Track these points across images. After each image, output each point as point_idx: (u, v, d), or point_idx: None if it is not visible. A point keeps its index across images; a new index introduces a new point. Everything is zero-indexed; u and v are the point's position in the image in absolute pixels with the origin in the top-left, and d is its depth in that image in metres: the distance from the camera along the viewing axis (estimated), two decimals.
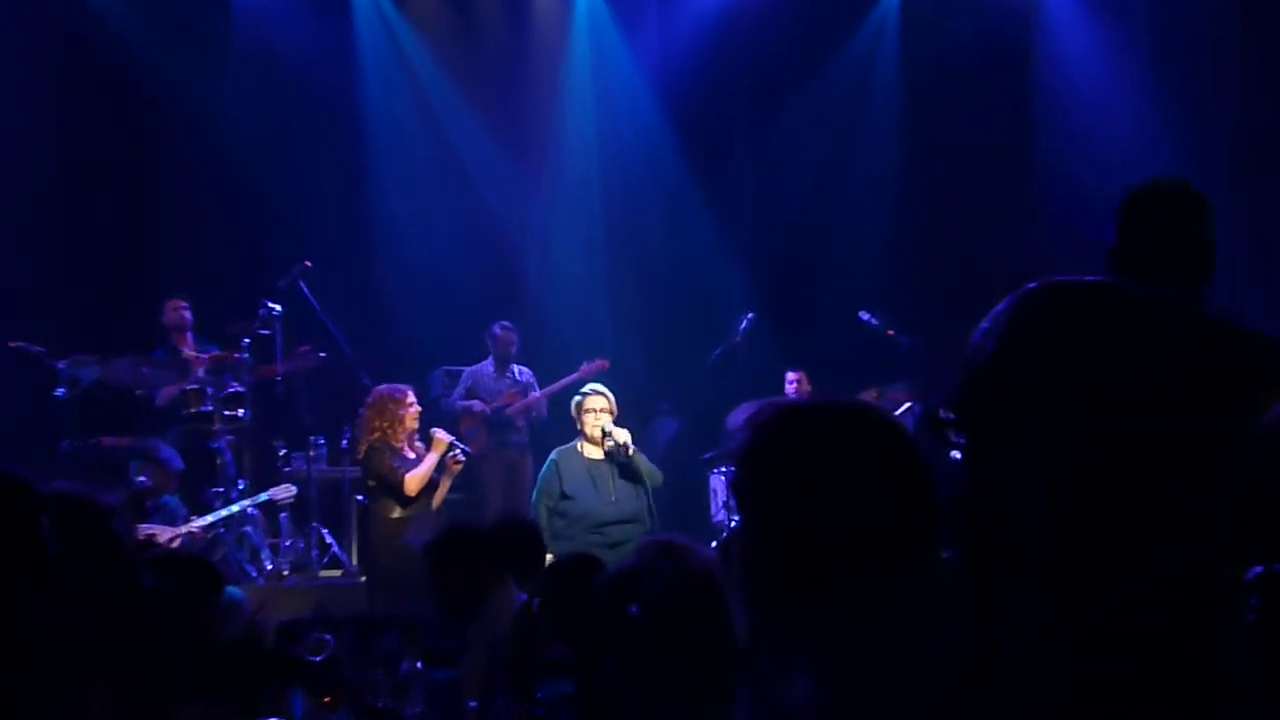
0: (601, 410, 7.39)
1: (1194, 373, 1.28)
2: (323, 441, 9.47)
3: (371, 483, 7.57)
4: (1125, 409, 1.27)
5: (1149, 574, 1.23)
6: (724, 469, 9.62)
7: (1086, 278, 1.38)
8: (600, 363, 9.41)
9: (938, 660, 1.34)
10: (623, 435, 7.34)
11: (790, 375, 9.91)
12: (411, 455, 7.49)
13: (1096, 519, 1.25)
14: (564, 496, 7.30)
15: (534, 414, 9.79)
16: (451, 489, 7.63)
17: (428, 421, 7.90)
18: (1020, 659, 1.24)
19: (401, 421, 7.43)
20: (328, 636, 5.80)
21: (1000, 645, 1.26)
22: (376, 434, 7.38)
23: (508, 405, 9.78)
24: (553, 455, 7.52)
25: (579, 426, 7.47)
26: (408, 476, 7.32)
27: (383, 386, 7.62)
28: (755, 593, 1.53)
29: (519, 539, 5.34)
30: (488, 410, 9.78)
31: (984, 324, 1.38)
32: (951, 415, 1.36)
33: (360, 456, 7.54)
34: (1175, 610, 1.23)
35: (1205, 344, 1.30)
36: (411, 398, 7.54)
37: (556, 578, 4.22)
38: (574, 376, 9.42)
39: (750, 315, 9.81)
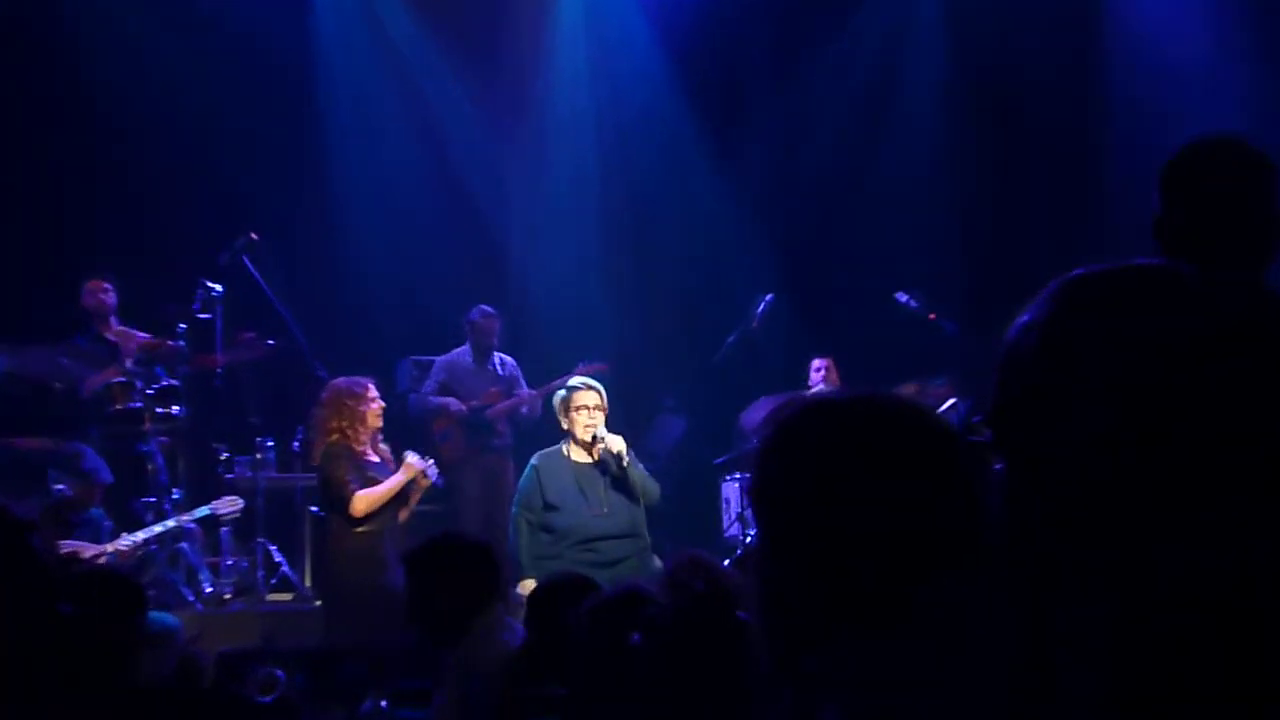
0: (593, 408, 7.35)
1: (1253, 365, 1.31)
2: (271, 444, 9.48)
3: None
4: (1181, 407, 1.29)
5: (1216, 585, 1.26)
6: (739, 475, 9.65)
7: (1137, 261, 1.39)
8: (597, 365, 9.38)
9: (991, 694, 1.36)
10: (616, 444, 7.30)
11: (816, 363, 9.99)
12: (375, 459, 7.42)
13: (1154, 527, 1.27)
14: (547, 507, 7.28)
15: (524, 414, 9.82)
16: (423, 500, 7.61)
17: (394, 422, 7.86)
18: (1080, 688, 1.27)
19: (362, 420, 7.35)
20: (278, 672, 5.82)
21: (1060, 680, 1.29)
22: (334, 435, 7.33)
23: (489, 405, 9.78)
24: (534, 460, 7.48)
25: (564, 426, 7.44)
26: (358, 495, 7.22)
27: (340, 380, 7.57)
28: (778, 619, 1.55)
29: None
30: (465, 410, 9.77)
31: (1021, 318, 1.38)
32: (988, 432, 1.38)
33: (315, 461, 7.49)
34: (1239, 618, 1.26)
35: (1266, 335, 1.33)
36: (373, 392, 7.46)
37: (542, 603, 4.20)
38: (568, 377, 9.33)
39: (769, 297, 9.81)
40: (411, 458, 7.40)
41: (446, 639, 4.69)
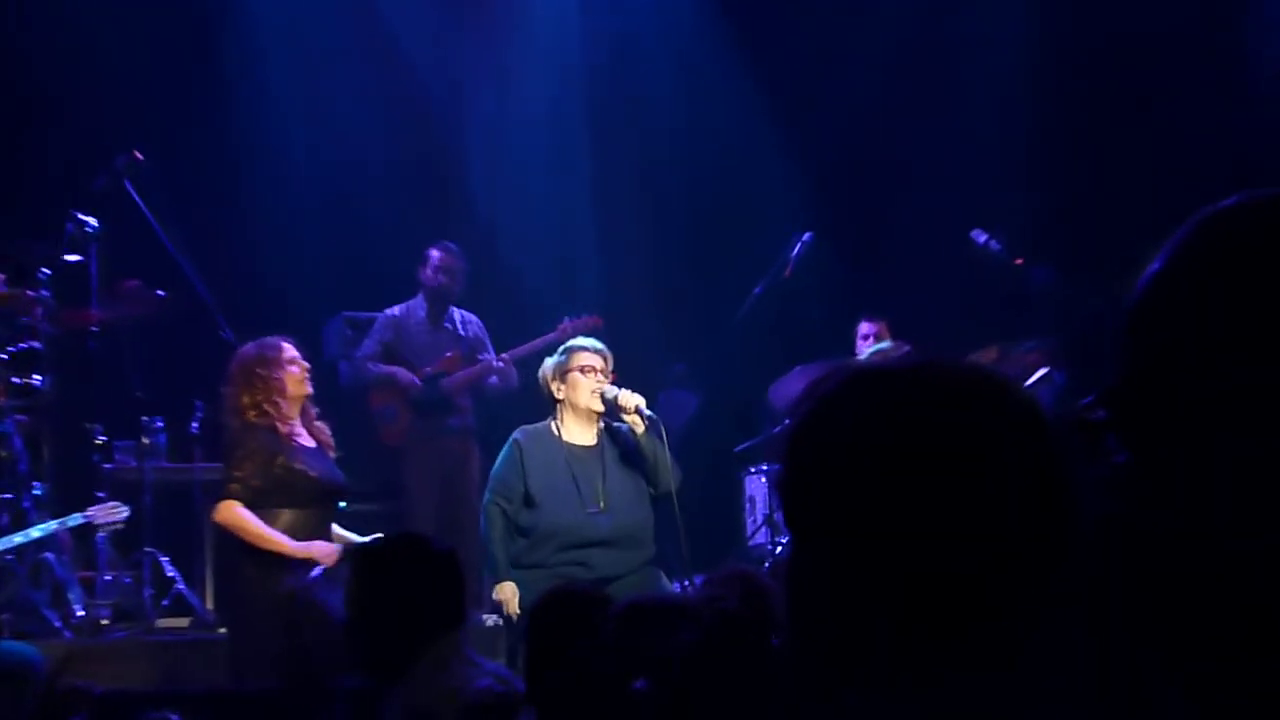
0: (599, 369, 7.52)
1: None
2: (161, 425, 9.45)
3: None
4: None
5: None
6: (766, 466, 9.68)
7: None
8: (589, 319, 9.46)
9: None
10: (633, 398, 7.45)
11: (865, 327, 10.04)
12: (307, 441, 7.47)
13: None
14: (528, 501, 7.39)
15: (492, 385, 9.91)
16: (365, 496, 7.58)
17: (320, 399, 7.88)
18: None
19: (280, 390, 7.43)
20: (171, 718, 5.84)
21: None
22: (251, 413, 7.40)
23: (445, 373, 9.84)
24: (516, 435, 7.57)
25: (559, 395, 7.55)
26: (231, 506, 7.25)
27: (247, 346, 7.62)
28: (809, 645, 1.57)
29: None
30: (416, 382, 9.82)
31: (1154, 265, 1.39)
32: (1107, 412, 1.39)
33: (226, 448, 7.51)
34: None
35: None
36: (290, 352, 7.52)
37: (542, 632, 4.29)
38: (551, 337, 9.47)
39: (806, 237, 9.85)
40: (320, 551, 7.33)
41: (388, 674, 4.68)
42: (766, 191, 11.32)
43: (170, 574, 9.05)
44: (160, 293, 9.18)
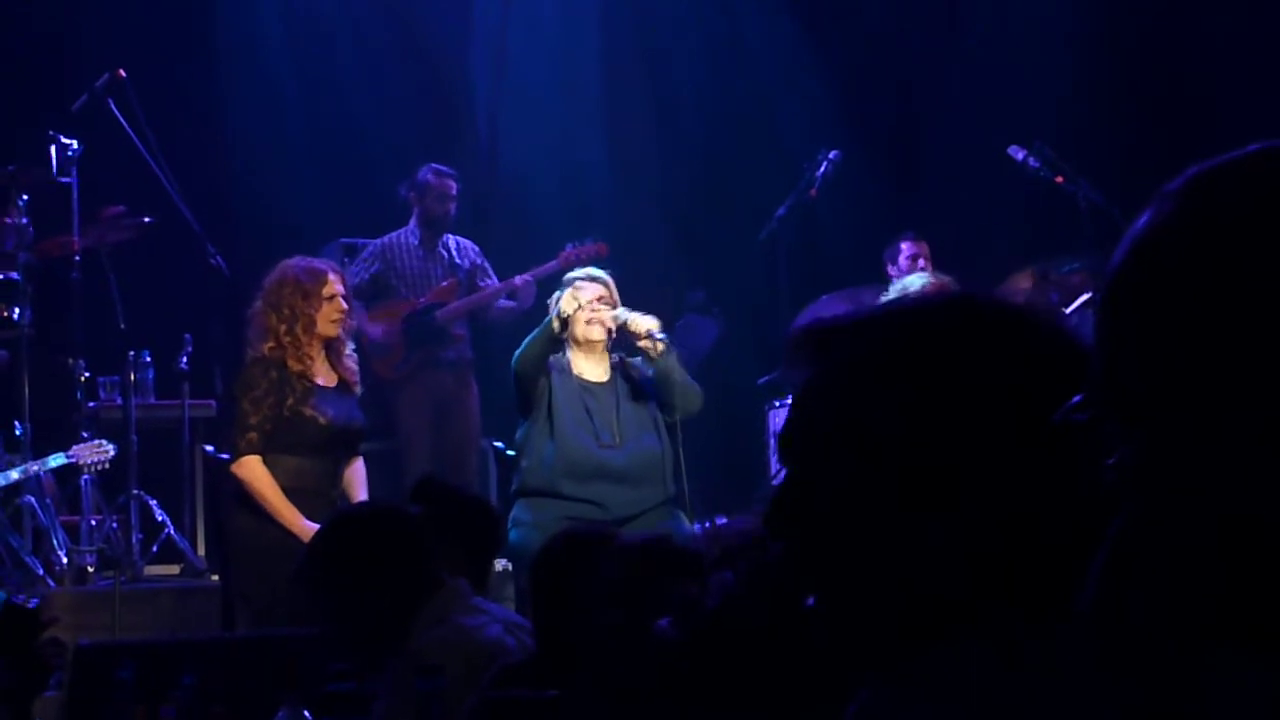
0: (599, 301, 7.55)
1: None
2: (149, 359, 9.45)
3: None
4: None
5: None
6: (792, 400, 9.63)
7: None
8: (593, 245, 9.45)
9: None
10: (644, 322, 7.53)
11: (905, 247, 9.99)
12: (325, 381, 7.31)
13: None
14: (546, 420, 7.49)
15: (503, 308, 9.91)
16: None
17: None
18: None
19: (308, 325, 7.22)
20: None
21: None
22: (270, 344, 7.22)
23: (438, 304, 9.82)
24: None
25: (563, 333, 7.57)
26: (250, 461, 7.14)
27: (293, 261, 7.41)
28: (839, 621, 1.58)
29: (462, 516, 5.32)
30: (411, 307, 9.82)
31: (1137, 225, 1.30)
32: (1098, 404, 1.34)
33: (241, 384, 7.34)
34: None
35: None
36: (333, 284, 7.31)
37: (547, 577, 4.26)
38: (552, 265, 9.51)
39: (833, 154, 9.81)
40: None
41: (383, 638, 4.68)
42: (790, 105, 11.30)
43: (159, 518, 9.02)
44: (146, 219, 9.15)
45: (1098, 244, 9.03)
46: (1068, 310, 8.78)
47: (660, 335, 7.49)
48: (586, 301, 7.53)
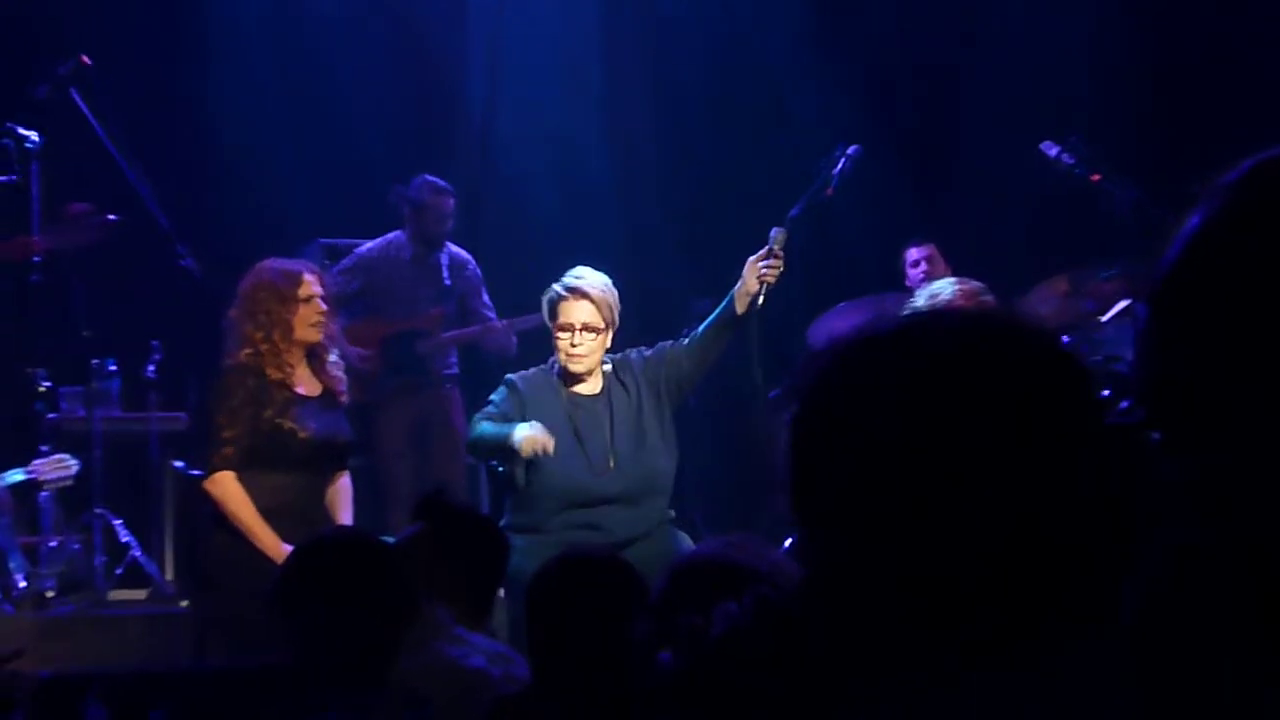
0: (579, 327, 7.31)
1: None
2: (114, 368, 9.50)
3: None
4: None
5: None
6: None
7: None
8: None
9: None
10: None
11: (913, 253, 10.07)
12: (307, 390, 7.35)
13: None
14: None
15: (490, 349, 9.93)
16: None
17: None
18: None
19: (286, 330, 7.30)
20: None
21: None
22: (247, 351, 7.28)
23: (422, 333, 9.89)
24: (510, 377, 7.52)
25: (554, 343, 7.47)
26: (224, 478, 7.16)
27: (268, 263, 7.48)
28: (840, 622, 1.61)
29: (466, 537, 5.37)
30: (393, 330, 9.85)
31: (1190, 223, 1.35)
32: (1143, 411, 1.38)
33: (215, 394, 7.38)
34: None
35: None
36: (310, 285, 7.37)
37: (544, 603, 4.28)
38: (536, 319, 9.26)
39: (852, 150, 9.67)
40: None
41: (367, 672, 4.70)
42: (805, 96, 11.33)
43: (125, 539, 9.07)
44: (111, 217, 9.12)
45: (1137, 247, 8.99)
46: (1103, 319, 8.80)
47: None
48: (569, 330, 7.32)
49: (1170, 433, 1.35)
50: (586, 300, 7.32)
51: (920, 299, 7.67)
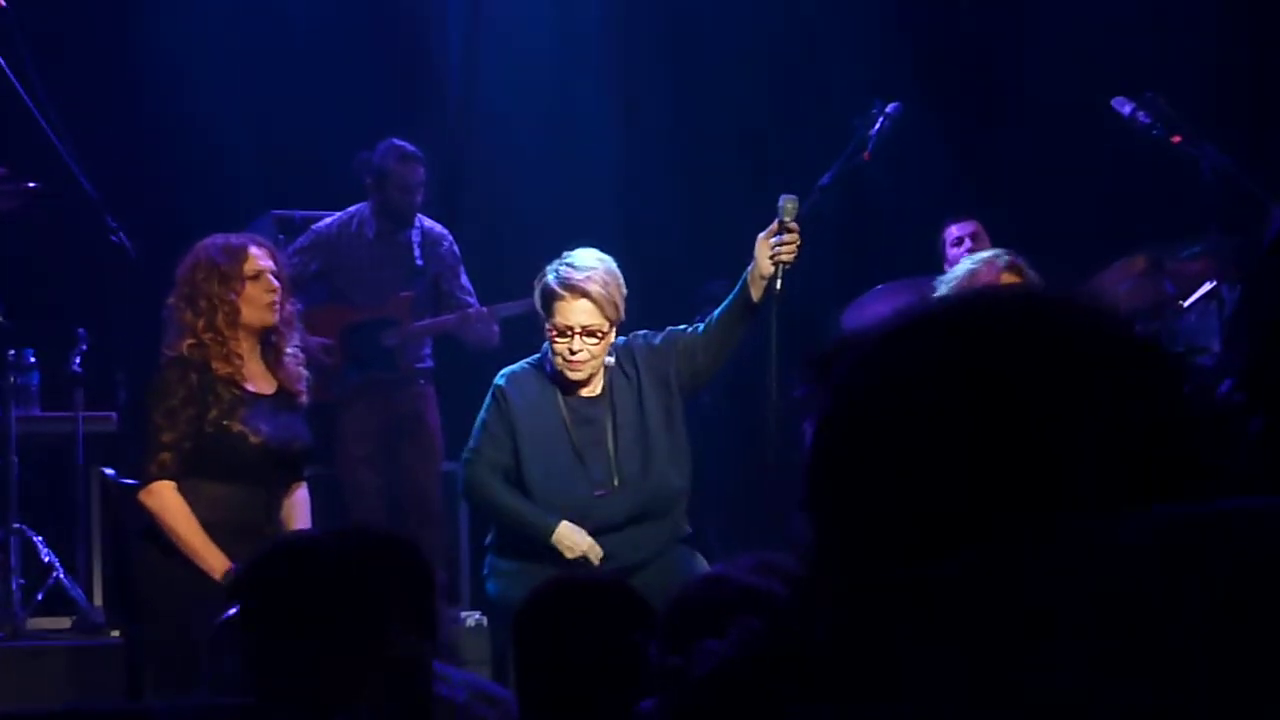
0: (578, 331, 7.25)
1: None
2: (33, 359, 9.57)
3: None
4: None
5: None
6: None
7: None
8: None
9: None
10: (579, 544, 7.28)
11: (954, 230, 10.06)
12: (263, 388, 7.31)
13: None
14: (517, 470, 7.36)
15: (470, 339, 9.98)
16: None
17: None
18: None
19: (231, 314, 7.23)
20: None
21: None
22: (188, 341, 7.21)
23: (388, 321, 9.89)
24: (499, 380, 7.47)
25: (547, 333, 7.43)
26: (161, 488, 7.14)
27: (210, 239, 7.40)
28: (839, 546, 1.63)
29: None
30: (354, 317, 9.87)
31: None
32: (1248, 396, 1.47)
33: (152, 390, 7.35)
34: None
35: None
36: (258, 260, 7.29)
37: (534, 638, 4.28)
38: (518, 306, 9.42)
39: (892, 108, 9.65)
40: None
41: (327, 708, 4.58)
42: (838, 47, 11.44)
43: (46, 559, 9.11)
44: (30, 184, 9.11)
45: (1225, 222, 8.99)
46: (1186, 304, 8.82)
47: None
48: (567, 334, 7.26)
49: (1273, 418, 1.39)
50: (586, 300, 7.24)
51: (941, 287, 7.76)
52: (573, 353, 7.23)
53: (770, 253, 7.30)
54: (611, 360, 7.38)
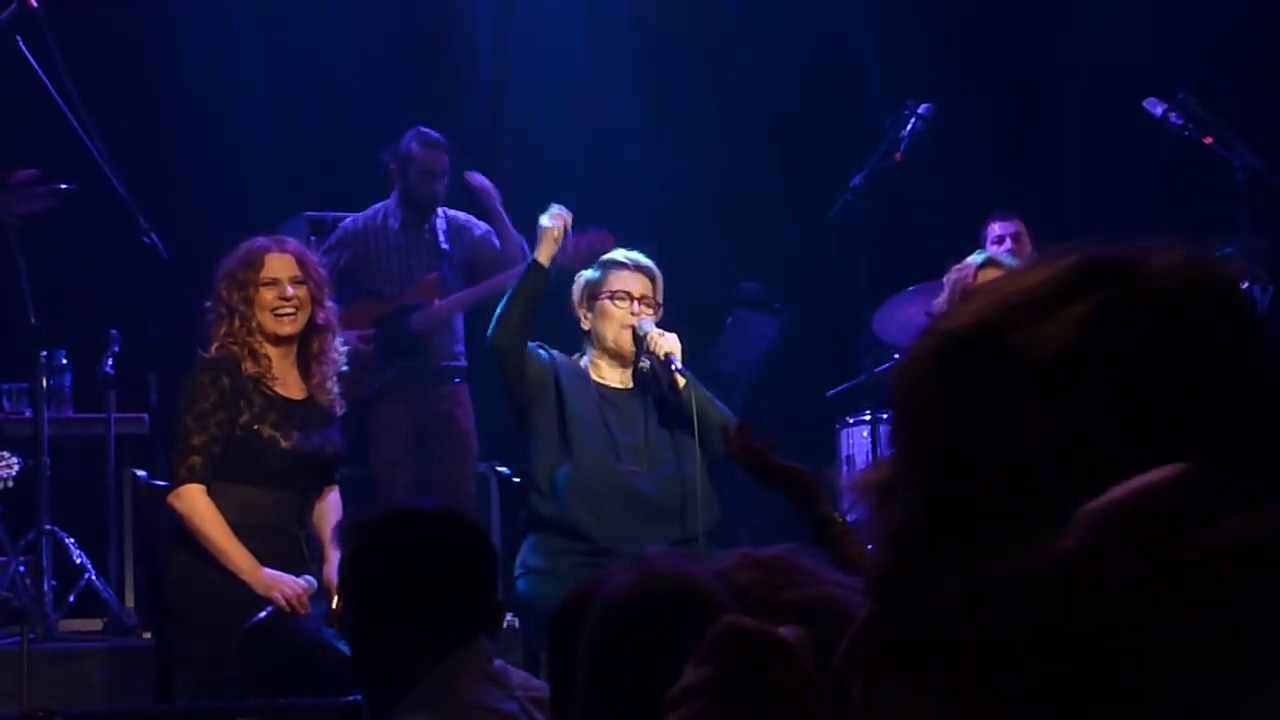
0: (638, 298, 7.40)
1: None
2: (65, 361, 9.56)
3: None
4: None
5: None
6: (869, 415, 9.74)
7: None
8: (597, 234, 9.41)
9: None
10: (665, 342, 7.38)
11: (996, 228, 10.00)
12: (295, 393, 7.32)
13: None
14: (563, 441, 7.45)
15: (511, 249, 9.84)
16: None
17: None
18: None
19: (247, 319, 7.24)
20: None
21: None
22: (220, 343, 7.25)
23: (415, 305, 9.84)
24: (542, 347, 7.59)
25: (585, 326, 7.54)
26: (192, 490, 7.12)
27: (248, 242, 7.41)
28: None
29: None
30: (384, 309, 9.86)
31: None
32: None
33: (185, 392, 7.32)
34: None
35: None
36: (271, 266, 7.27)
37: (564, 630, 4.10)
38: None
39: (924, 109, 9.74)
40: (289, 590, 7.15)
41: (385, 694, 4.61)
42: (871, 47, 11.47)
43: (78, 560, 9.03)
44: (63, 185, 9.08)
45: (1256, 223, 9.04)
46: None
47: (679, 367, 7.36)
48: (626, 298, 7.40)
49: None
50: (645, 276, 7.49)
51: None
52: (633, 314, 7.40)
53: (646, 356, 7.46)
54: (645, 365, 7.49)
